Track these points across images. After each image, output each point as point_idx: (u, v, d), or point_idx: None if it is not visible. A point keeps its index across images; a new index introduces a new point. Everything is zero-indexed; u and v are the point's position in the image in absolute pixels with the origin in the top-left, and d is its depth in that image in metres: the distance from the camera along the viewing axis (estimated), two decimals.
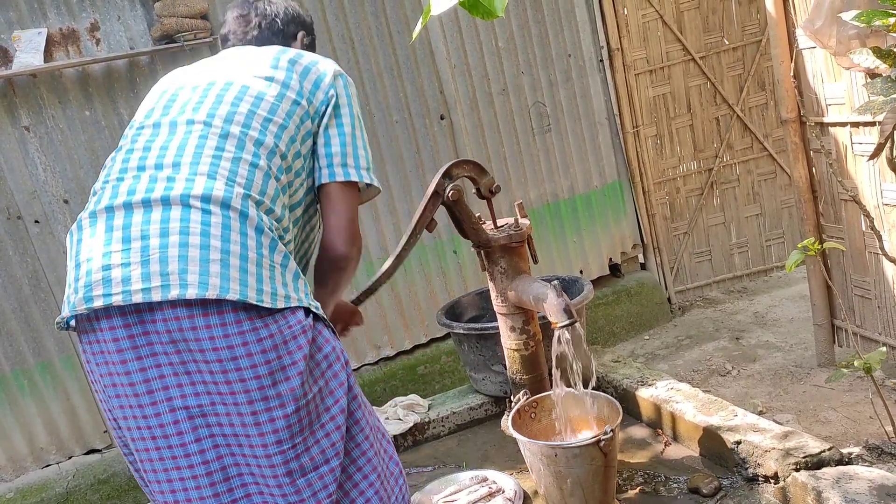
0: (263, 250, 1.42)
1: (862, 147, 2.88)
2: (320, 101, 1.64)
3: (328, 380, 1.46)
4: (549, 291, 2.14)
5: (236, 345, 1.36)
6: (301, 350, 1.40)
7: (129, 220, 1.40)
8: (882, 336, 3.04)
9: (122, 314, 1.37)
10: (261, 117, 1.55)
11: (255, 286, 1.37)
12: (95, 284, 1.37)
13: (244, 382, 1.37)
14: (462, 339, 2.89)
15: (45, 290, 3.21)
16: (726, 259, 4.55)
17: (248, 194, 1.45)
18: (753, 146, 4.42)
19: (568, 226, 4.27)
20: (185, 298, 1.33)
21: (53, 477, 3.23)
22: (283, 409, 1.39)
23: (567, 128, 4.20)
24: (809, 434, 2.22)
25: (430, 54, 3.82)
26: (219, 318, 1.35)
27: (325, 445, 1.44)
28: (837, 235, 3.17)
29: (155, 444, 1.42)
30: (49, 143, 3.17)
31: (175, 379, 1.39)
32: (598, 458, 2.08)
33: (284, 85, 1.61)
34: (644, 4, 4.19)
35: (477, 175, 2.43)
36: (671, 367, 3.80)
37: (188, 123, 1.52)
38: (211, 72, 1.66)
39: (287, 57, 1.66)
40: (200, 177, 1.44)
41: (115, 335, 1.38)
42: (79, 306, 1.39)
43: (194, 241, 1.37)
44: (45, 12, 3.11)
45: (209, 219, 1.39)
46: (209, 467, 1.42)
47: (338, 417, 1.46)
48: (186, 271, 1.34)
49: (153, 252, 1.36)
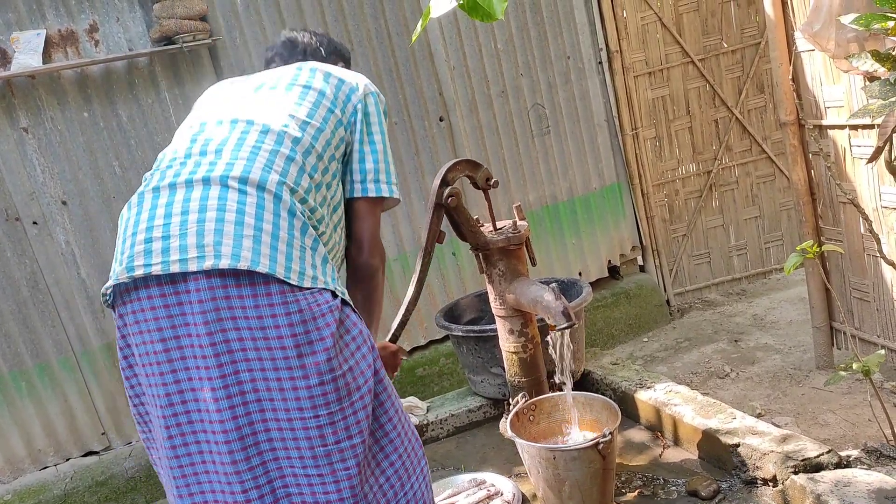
0: (295, 232, 1.50)
1: (861, 150, 2.88)
2: (351, 113, 1.75)
3: (357, 360, 1.51)
4: (548, 294, 2.14)
5: (265, 315, 1.43)
6: (329, 327, 1.46)
7: (172, 197, 1.50)
8: (881, 339, 3.05)
9: (159, 284, 1.45)
10: (299, 120, 1.66)
11: (283, 263, 1.45)
12: (137, 255, 1.46)
13: (270, 350, 1.44)
14: (461, 341, 2.89)
15: (43, 292, 3.21)
16: (725, 261, 4.55)
17: (283, 181, 1.54)
18: (752, 148, 4.43)
19: (567, 228, 4.27)
20: (218, 268, 1.41)
21: (51, 479, 3.23)
22: (307, 381, 1.44)
23: (566, 130, 4.20)
24: (808, 437, 2.23)
25: (429, 56, 3.82)
26: (250, 289, 1.43)
27: (350, 422, 1.49)
28: (836, 238, 3.17)
29: (185, 407, 1.47)
30: (48, 145, 3.16)
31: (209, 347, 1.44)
32: (596, 461, 2.08)
33: (321, 93, 1.73)
34: (643, 7, 4.20)
35: (471, 171, 2.43)
36: (670, 369, 3.80)
37: (232, 122, 1.64)
38: (255, 81, 1.79)
39: (323, 69, 1.80)
40: (240, 161, 1.54)
41: (152, 304, 1.46)
42: (121, 276, 1.47)
43: (230, 218, 1.46)
44: (44, 13, 3.11)
45: (245, 198, 1.48)
46: (241, 432, 1.46)
47: (365, 397, 1.51)
48: (221, 243, 1.43)
49: (191, 225, 1.45)
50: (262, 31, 3.48)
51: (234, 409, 1.45)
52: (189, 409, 1.48)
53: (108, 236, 3.27)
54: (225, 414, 1.45)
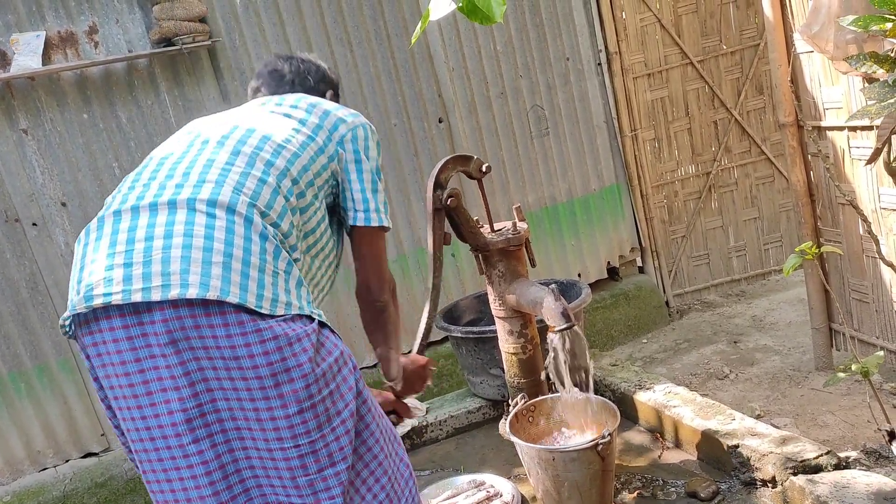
0: (267, 256, 1.43)
1: (859, 151, 2.89)
2: (337, 142, 1.72)
3: (338, 384, 1.45)
4: (547, 295, 2.14)
5: (238, 345, 1.36)
6: (306, 353, 1.40)
7: (134, 222, 1.42)
8: (879, 340, 3.05)
9: (121, 315, 1.37)
10: (274, 143, 1.60)
11: (255, 291, 1.38)
12: (97, 284, 1.37)
13: (246, 381, 1.38)
14: (460, 342, 2.89)
15: (42, 293, 3.21)
16: (724, 263, 4.56)
17: (253, 203, 1.47)
18: (751, 150, 4.43)
19: (566, 229, 4.27)
20: (185, 298, 1.34)
21: (50, 480, 3.22)
22: (285, 410, 1.38)
23: (565, 131, 4.20)
24: (807, 438, 2.23)
25: (428, 57, 3.82)
26: (221, 317, 1.36)
27: (333, 448, 1.43)
28: (835, 239, 3.17)
29: (153, 444, 1.41)
30: (47, 146, 3.17)
31: (172, 381, 1.38)
32: (595, 462, 2.08)
33: (301, 122, 1.69)
34: (642, 8, 4.20)
35: (463, 165, 2.43)
36: (669, 370, 3.80)
37: (203, 143, 1.58)
38: (235, 113, 1.76)
39: (308, 101, 1.76)
40: (208, 184, 1.46)
41: (114, 336, 1.38)
42: (79, 305, 1.39)
43: (198, 244, 1.38)
44: (44, 15, 3.11)
45: (214, 222, 1.41)
46: (208, 467, 1.41)
47: (347, 421, 1.46)
48: (188, 271, 1.35)
49: (156, 252, 1.37)
50: (261, 33, 3.48)
51: (212, 438, 1.40)
52: (158, 445, 1.41)
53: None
54: (204, 444, 1.40)
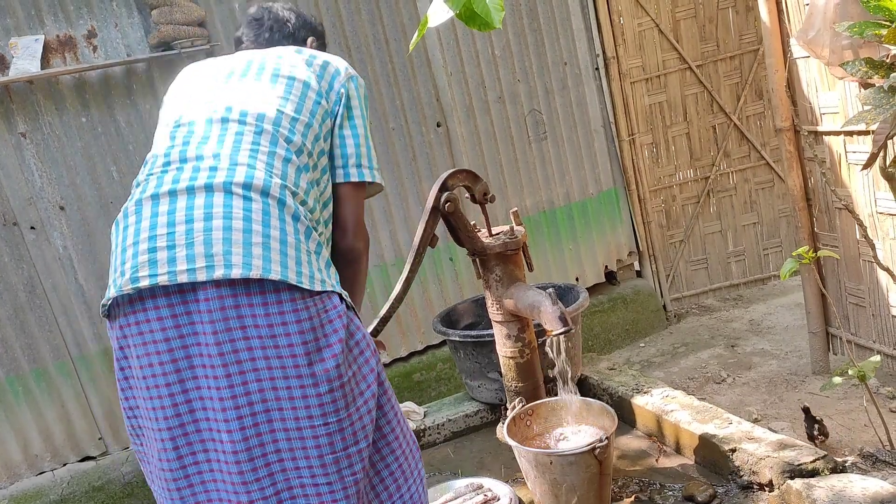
0: (301, 236, 1.49)
1: (856, 156, 2.90)
2: (334, 101, 1.71)
3: (360, 365, 1.51)
4: (545, 299, 2.15)
5: (276, 324, 1.41)
6: (337, 333, 1.45)
7: (173, 205, 1.46)
8: (876, 344, 3.05)
9: (166, 294, 1.42)
10: (289, 117, 1.61)
11: (294, 268, 1.44)
12: (142, 266, 1.42)
13: (281, 359, 1.42)
14: (458, 346, 2.89)
15: (40, 297, 3.21)
16: (723, 267, 4.55)
17: (285, 185, 1.52)
18: (751, 155, 4.42)
19: (564, 233, 4.28)
20: (229, 278, 1.39)
21: (48, 484, 3.22)
22: (317, 389, 1.43)
23: (563, 135, 4.21)
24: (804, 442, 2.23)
25: (426, 62, 3.83)
26: (261, 297, 1.41)
27: (357, 427, 1.49)
28: (832, 244, 3.18)
29: (193, 416, 1.46)
30: (45, 150, 3.17)
31: (221, 359, 1.42)
32: (593, 466, 2.08)
33: (306, 84, 1.67)
34: (640, 13, 4.21)
35: (471, 183, 2.44)
36: (667, 374, 3.81)
37: (223, 122, 1.59)
38: (228, 66, 1.72)
39: (303, 57, 1.73)
40: (241, 166, 1.51)
41: (159, 314, 1.43)
42: (125, 287, 1.43)
43: (237, 226, 1.43)
44: (43, 19, 3.12)
45: (250, 205, 1.46)
46: (249, 443, 1.44)
47: (370, 401, 1.52)
48: (231, 253, 1.40)
49: (197, 234, 1.42)
50: None
51: (241, 420, 1.44)
52: (198, 417, 1.46)
53: (105, 242, 3.27)
54: (233, 424, 1.43)
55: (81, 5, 3.18)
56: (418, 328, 3.92)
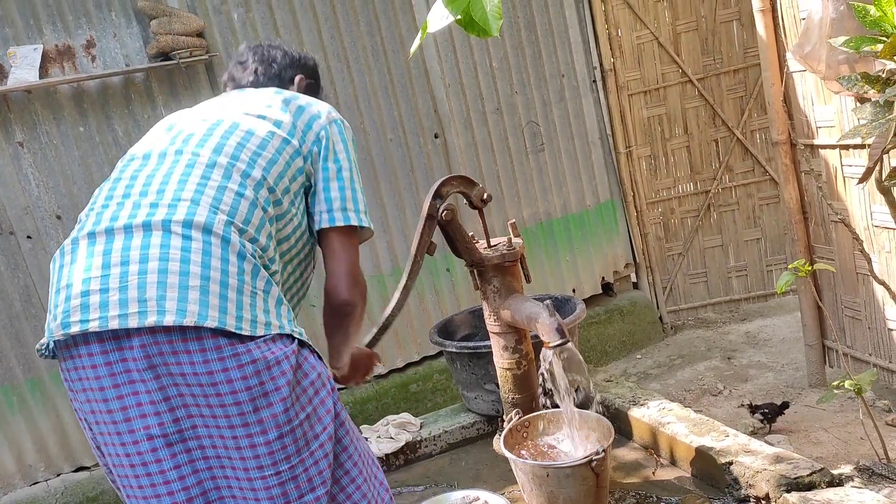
0: (245, 276, 1.41)
1: (852, 169, 2.91)
2: (312, 142, 1.65)
3: (315, 406, 1.44)
4: (542, 311, 2.15)
5: (216, 370, 1.34)
6: (284, 376, 1.38)
7: (109, 245, 1.40)
8: (872, 357, 3.06)
9: (99, 341, 1.36)
10: (250, 151, 1.55)
11: (234, 313, 1.36)
12: (73, 310, 1.36)
13: (224, 408, 1.36)
14: (454, 357, 2.89)
15: (36, 306, 3.20)
16: (723, 282, 4.49)
17: (231, 221, 1.44)
18: (755, 169, 4.34)
19: (561, 245, 4.28)
20: (162, 325, 1.32)
21: (42, 494, 3.20)
22: (265, 436, 1.37)
23: (560, 147, 4.22)
24: (801, 455, 2.23)
25: (424, 73, 3.84)
26: (198, 343, 1.34)
27: (312, 473, 1.42)
28: (828, 256, 3.19)
29: (133, 471, 1.40)
30: (43, 159, 3.17)
31: (152, 407, 1.37)
32: (589, 479, 2.08)
33: (276, 123, 1.62)
34: (638, 26, 4.23)
35: (466, 188, 2.43)
36: (663, 386, 3.80)
37: (176, 154, 1.53)
38: (206, 111, 1.67)
39: (281, 97, 1.69)
40: (184, 202, 1.43)
41: (92, 361, 1.37)
42: (56, 332, 1.38)
43: (174, 268, 1.36)
44: (41, 28, 3.12)
45: (190, 244, 1.39)
46: (189, 493, 1.40)
47: (326, 445, 1.44)
48: (165, 297, 1.34)
49: (132, 278, 1.35)
50: None
51: (179, 469, 1.39)
52: (138, 472, 1.39)
53: None
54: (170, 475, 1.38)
55: (80, 15, 3.19)
56: (415, 339, 3.92)
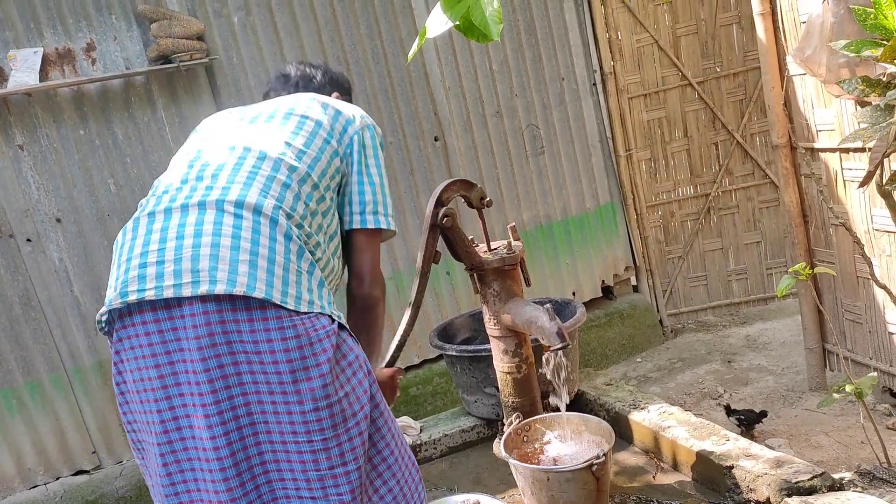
0: (291, 255, 1.50)
1: (852, 173, 2.91)
2: (347, 144, 1.75)
3: (354, 386, 1.51)
4: (542, 314, 2.15)
5: (261, 340, 1.42)
6: (325, 353, 1.46)
7: (167, 222, 1.50)
8: (873, 361, 3.05)
9: (153, 309, 1.44)
10: (296, 149, 1.66)
11: (280, 288, 1.45)
12: (132, 281, 1.45)
13: (266, 374, 1.43)
14: (454, 361, 2.89)
15: (35, 309, 3.20)
16: (723, 285, 4.49)
17: (279, 206, 1.54)
18: (755, 173, 4.34)
19: (561, 248, 4.28)
20: (214, 294, 1.41)
21: (41, 498, 3.20)
22: (301, 406, 1.44)
23: (560, 150, 4.22)
24: (801, 459, 2.22)
25: (424, 76, 3.84)
26: (246, 313, 1.42)
27: (345, 448, 1.48)
28: (828, 260, 3.18)
29: (180, 434, 1.47)
30: (43, 162, 3.17)
31: (206, 375, 1.43)
32: (590, 483, 2.07)
33: (318, 124, 1.73)
34: (638, 29, 4.23)
35: (466, 191, 2.44)
36: (663, 389, 3.80)
37: (230, 148, 1.65)
38: (252, 111, 1.80)
39: (321, 100, 1.80)
40: (237, 185, 1.54)
41: (146, 329, 1.45)
42: (115, 301, 1.46)
43: (225, 242, 1.45)
44: (42, 32, 3.12)
45: (241, 223, 1.48)
46: (235, 458, 1.46)
47: (361, 423, 1.51)
48: (216, 269, 1.42)
49: (186, 251, 1.44)
50: (258, 51, 3.50)
51: (228, 435, 1.44)
52: (184, 435, 1.47)
53: (101, 254, 3.26)
54: (219, 441, 1.44)
55: (80, 18, 3.19)
56: (415, 342, 3.91)
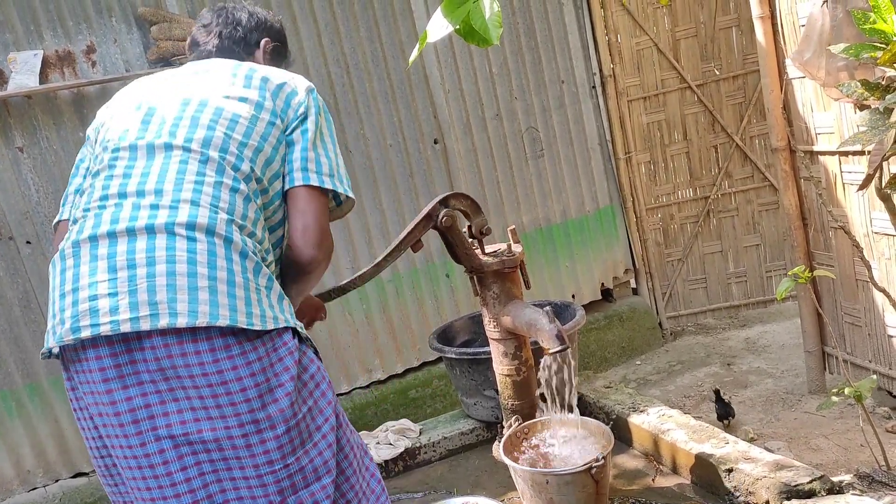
0: (249, 274, 1.44)
1: (851, 176, 2.91)
2: (292, 119, 1.62)
3: (317, 399, 1.48)
4: (542, 317, 2.15)
5: (226, 369, 1.37)
6: (288, 371, 1.42)
7: (113, 249, 1.40)
8: (872, 364, 3.05)
9: (109, 343, 1.38)
10: (236, 141, 1.54)
11: (243, 310, 1.39)
12: (83, 315, 1.37)
13: (234, 406, 1.38)
14: (454, 363, 2.89)
15: (35, 311, 3.19)
16: (723, 288, 4.48)
17: (231, 219, 1.46)
18: (754, 176, 4.33)
19: (561, 250, 4.28)
20: (174, 327, 1.34)
21: (40, 501, 3.19)
22: (274, 431, 1.40)
23: (560, 153, 4.22)
24: (801, 462, 2.22)
25: (424, 79, 3.84)
26: (208, 343, 1.37)
27: (318, 463, 1.46)
28: (828, 263, 3.19)
29: (141, 473, 1.41)
30: (42, 164, 3.17)
31: (161, 407, 1.39)
32: (589, 486, 2.07)
33: (258, 106, 1.59)
34: (638, 32, 4.23)
35: (472, 212, 2.43)
36: (663, 392, 3.80)
37: (166, 148, 1.51)
38: (182, 89, 1.62)
39: (259, 75, 1.64)
40: (184, 203, 1.44)
41: (101, 364, 1.38)
42: (66, 337, 1.38)
43: (181, 270, 1.38)
44: (42, 34, 3.13)
45: (195, 246, 1.40)
46: (195, 496, 1.41)
47: (328, 435, 1.48)
48: (175, 300, 1.35)
49: (140, 281, 1.36)
50: None
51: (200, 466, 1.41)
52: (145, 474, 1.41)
53: None
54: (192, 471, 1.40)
55: (81, 21, 3.19)
56: (414, 344, 3.91)
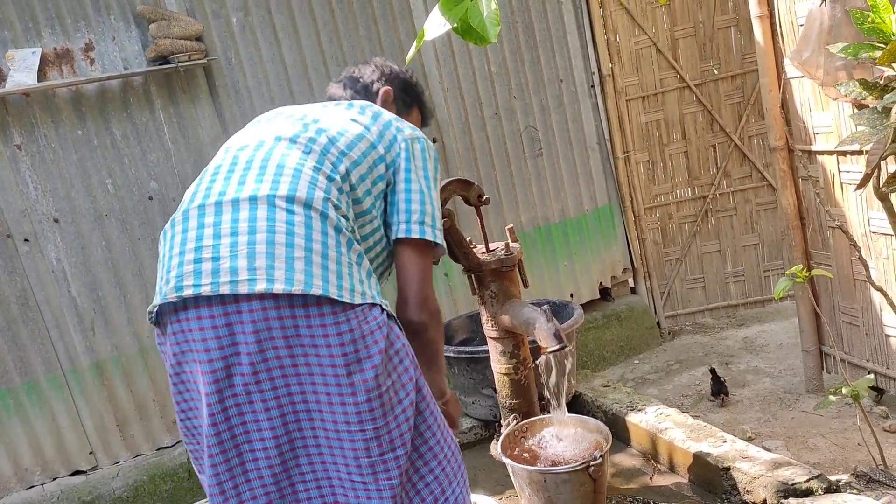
0: (342, 248, 1.54)
1: (849, 175, 2.91)
2: (396, 154, 1.74)
3: (400, 374, 1.56)
4: (540, 316, 2.15)
5: (318, 335, 1.47)
6: (377, 345, 1.50)
7: (219, 217, 1.53)
8: (869, 363, 3.06)
9: (208, 304, 1.47)
10: (338, 149, 1.67)
11: (335, 282, 1.49)
12: (187, 275, 1.49)
13: (322, 367, 1.48)
14: (452, 362, 2.89)
15: (33, 310, 3.19)
16: (721, 287, 4.48)
17: (327, 198, 1.58)
18: (752, 175, 4.33)
19: (559, 249, 4.28)
20: (272, 292, 1.44)
21: (37, 499, 3.19)
22: (355, 398, 1.49)
23: (559, 152, 4.23)
24: (798, 461, 2.23)
25: (423, 78, 3.84)
26: (303, 310, 1.46)
27: (394, 435, 1.53)
28: (825, 262, 3.19)
29: (228, 423, 1.51)
30: (41, 162, 3.16)
31: (251, 367, 1.48)
32: (587, 484, 2.07)
33: (366, 128, 1.75)
34: (637, 31, 4.23)
35: (464, 190, 2.46)
36: (661, 391, 3.80)
37: (276, 140, 1.68)
38: (305, 109, 1.82)
39: (373, 110, 1.82)
40: (286, 178, 1.57)
41: (200, 324, 1.48)
42: (170, 295, 1.49)
43: (280, 240, 1.49)
44: (40, 32, 3.12)
45: (293, 218, 1.52)
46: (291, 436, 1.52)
47: (408, 410, 1.56)
48: (273, 267, 1.46)
49: (241, 247, 1.48)
50: (257, 52, 3.50)
51: (284, 417, 1.51)
52: (235, 433, 1.52)
53: (99, 254, 3.26)
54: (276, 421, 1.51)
55: (79, 18, 3.18)
56: None
